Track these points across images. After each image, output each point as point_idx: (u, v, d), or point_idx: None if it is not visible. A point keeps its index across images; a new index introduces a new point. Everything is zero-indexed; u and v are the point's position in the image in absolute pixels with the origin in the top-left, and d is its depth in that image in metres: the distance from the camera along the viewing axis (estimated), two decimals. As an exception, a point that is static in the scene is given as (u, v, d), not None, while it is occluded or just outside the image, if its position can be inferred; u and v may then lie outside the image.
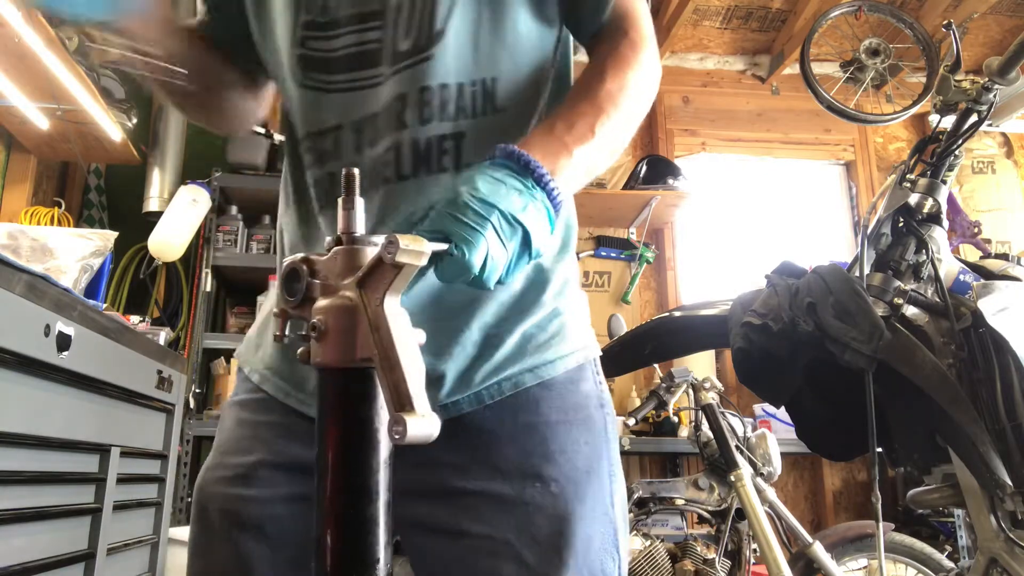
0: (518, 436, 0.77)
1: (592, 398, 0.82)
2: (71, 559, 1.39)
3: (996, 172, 4.07)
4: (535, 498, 0.74)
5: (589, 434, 0.80)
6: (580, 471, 0.77)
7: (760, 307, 1.63)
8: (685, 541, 2.32)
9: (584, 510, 0.75)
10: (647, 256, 3.70)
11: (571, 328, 0.83)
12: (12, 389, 1.18)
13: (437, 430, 0.46)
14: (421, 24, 0.78)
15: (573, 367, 0.82)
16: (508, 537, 0.73)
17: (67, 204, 3.17)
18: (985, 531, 1.48)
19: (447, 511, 0.76)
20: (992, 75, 1.55)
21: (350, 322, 0.49)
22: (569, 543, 0.73)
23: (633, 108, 0.79)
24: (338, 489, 0.49)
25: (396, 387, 0.46)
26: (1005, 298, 1.51)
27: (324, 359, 0.50)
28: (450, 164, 0.78)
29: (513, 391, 0.78)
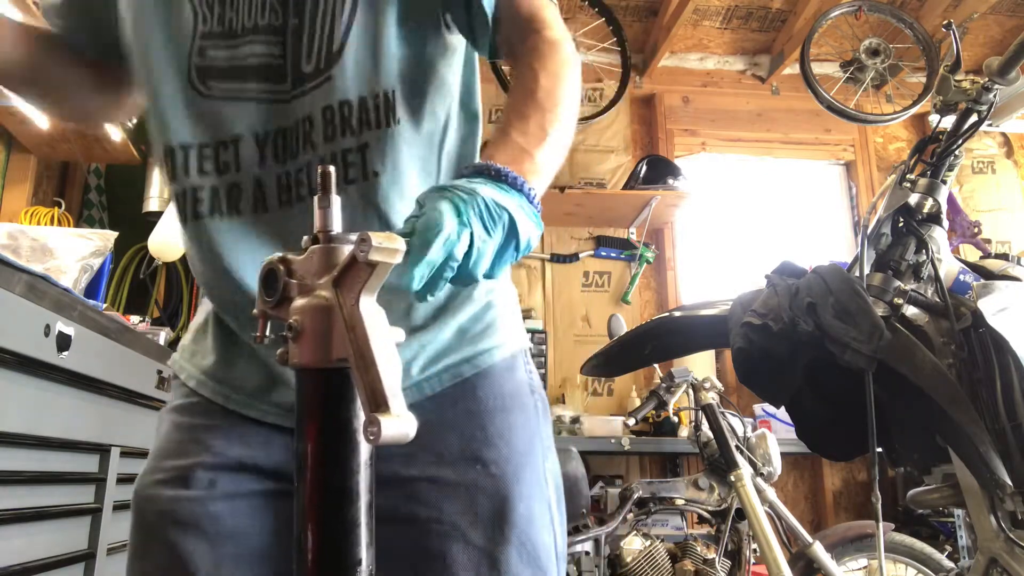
0: (459, 423, 0.82)
1: (524, 385, 0.88)
2: (71, 559, 1.39)
3: (996, 172, 4.07)
4: (477, 480, 0.79)
5: (524, 418, 0.85)
6: (518, 453, 0.82)
7: (760, 307, 1.63)
8: (685, 541, 2.32)
9: (522, 489, 0.80)
10: (647, 256, 3.70)
11: (503, 320, 0.89)
12: (12, 389, 1.18)
13: (413, 430, 0.46)
14: (321, 46, 0.80)
15: (508, 356, 0.87)
16: (454, 519, 0.77)
17: (67, 204, 3.17)
18: (985, 531, 1.48)
19: (397, 499, 0.79)
20: (992, 75, 1.55)
21: (326, 322, 0.49)
22: (510, 520, 0.78)
23: (571, 102, 0.81)
24: (318, 490, 0.49)
25: (371, 387, 0.46)
26: (1005, 298, 1.51)
27: (301, 360, 0.50)
28: (356, 175, 0.80)
29: (452, 381, 0.83)
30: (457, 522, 0.77)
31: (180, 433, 0.85)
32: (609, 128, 3.84)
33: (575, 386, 3.45)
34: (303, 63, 0.80)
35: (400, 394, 0.47)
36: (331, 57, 0.80)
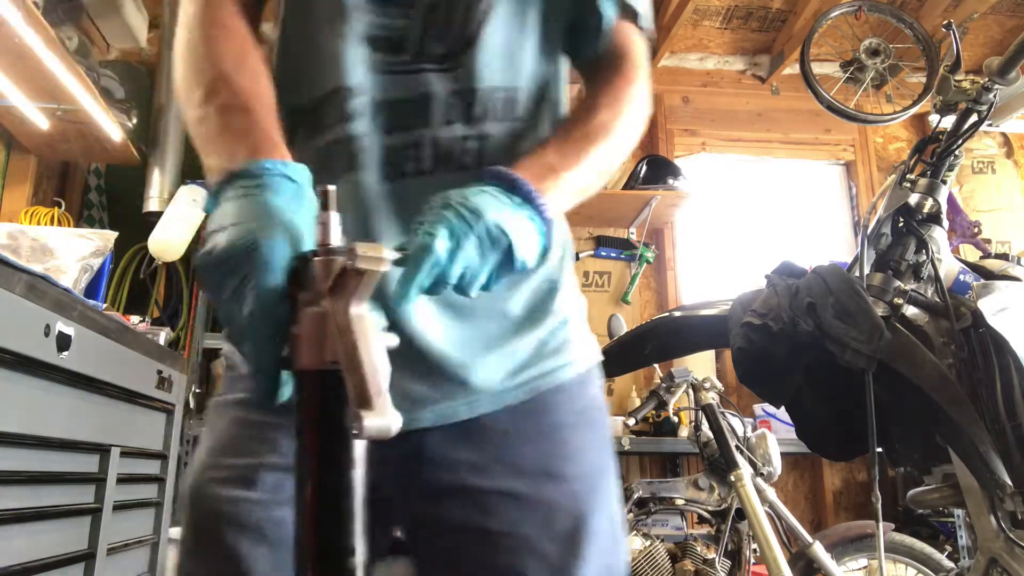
0: (535, 437, 0.80)
1: (598, 400, 0.87)
2: (71, 559, 1.39)
3: (996, 172, 4.07)
4: (554, 496, 0.77)
5: (597, 435, 0.84)
6: (593, 470, 0.81)
7: (760, 307, 1.63)
8: (685, 541, 2.32)
9: (597, 507, 0.79)
10: (647, 256, 3.70)
11: (578, 334, 0.88)
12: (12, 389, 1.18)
13: (396, 426, 0.49)
14: (455, 30, 0.80)
15: (583, 371, 0.86)
16: (528, 534, 0.76)
17: (67, 204, 3.17)
18: (985, 531, 1.48)
19: (466, 510, 0.78)
20: (992, 75, 1.55)
21: (320, 327, 0.53)
22: (586, 538, 0.77)
23: (624, 138, 0.82)
24: (314, 484, 0.52)
25: (358, 386, 0.49)
26: (1005, 298, 1.51)
27: (299, 362, 0.54)
28: (471, 163, 0.80)
29: (530, 395, 0.81)
30: (532, 538, 0.76)
31: (243, 429, 0.80)
32: (609, 128, 3.83)
33: (575, 386, 3.45)
34: (432, 42, 0.80)
35: (386, 393, 0.50)
36: (465, 43, 0.80)
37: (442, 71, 0.79)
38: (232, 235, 0.57)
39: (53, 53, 2.32)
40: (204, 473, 0.80)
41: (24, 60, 2.31)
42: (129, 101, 3.06)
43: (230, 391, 0.85)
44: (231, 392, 0.85)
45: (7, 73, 2.41)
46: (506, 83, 0.82)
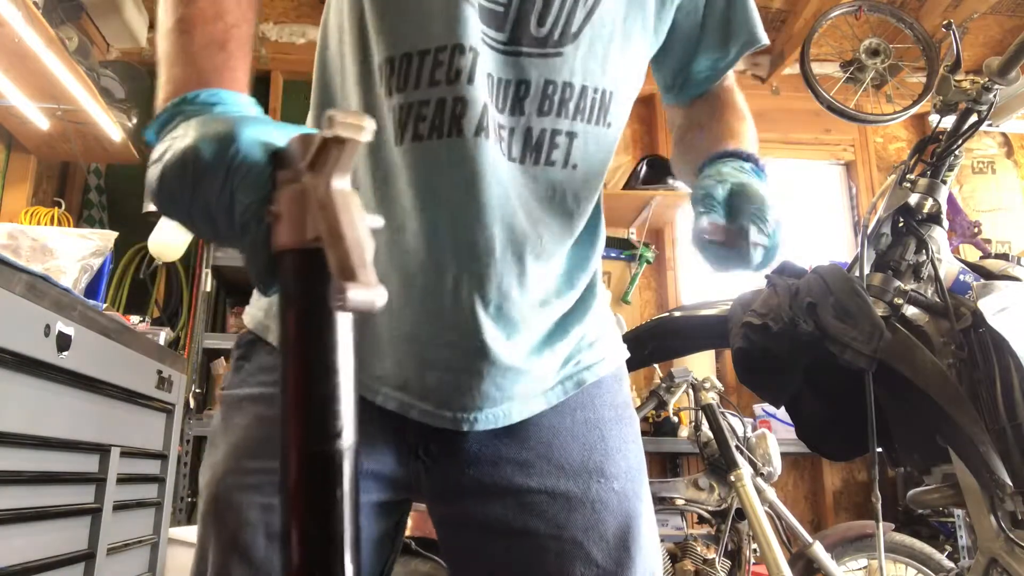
0: (578, 432, 0.78)
1: (630, 397, 0.87)
2: (71, 559, 1.39)
3: (996, 172, 4.07)
4: (601, 496, 0.75)
5: (634, 432, 0.83)
6: (635, 468, 0.79)
7: (760, 307, 1.63)
8: (685, 541, 2.32)
9: (642, 507, 0.77)
10: (647, 256, 3.70)
11: (609, 330, 0.87)
12: (12, 389, 1.18)
13: (381, 299, 0.47)
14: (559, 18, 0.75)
15: (617, 367, 0.85)
16: (576, 536, 0.73)
17: (67, 204, 3.17)
18: (985, 531, 1.48)
19: (511, 510, 0.75)
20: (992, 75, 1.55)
21: (300, 204, 0.51)
22: (636, 540, 0.75)
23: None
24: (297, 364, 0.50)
25: (340, 260, 0.47)
26: (1005, 298, 1.51)
27: (279, 242, 0.52)
28: (559, 159, 0.76)
29: (575, 390, 0.80)
30: (580, 539, 0.73)
31: (266, 428, 0.73)
32: (609, 128, 3.83)
33: (575, 386, 3.44)
34: (532, 25, 0.74)
35: (370, 267, 0.47)
36: (566, 35, 0.75)
37: (542, 57, 0.74)
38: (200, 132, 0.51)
39: (53, 53, 2.32)
40: (228, 479, 0.73)
41: (24, 60, 2.31)
42: (129, 101, 3.06)
43: (246, 384, 0.79)
44: (248, 385, 0.79)
45: (7, 73, 2.41)
46: (602, 85, 0.78)
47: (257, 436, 0.74)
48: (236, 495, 0.72)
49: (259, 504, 0.71)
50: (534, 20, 0.74)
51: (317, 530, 0.48)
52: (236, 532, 0.71)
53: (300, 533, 0.48)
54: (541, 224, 0.75)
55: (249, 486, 0.72)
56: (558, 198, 0.77)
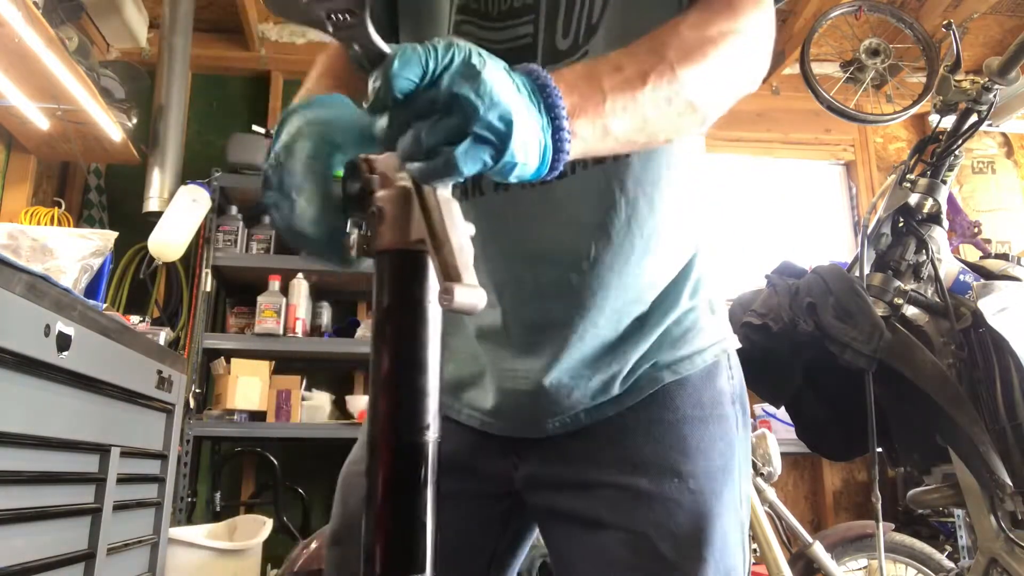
0: (655, 432, 0.78)
1: (726, 394, 0.82)
2: (71, 559, 1.39)
3: (996, 172, 4.07)
4: (674, 493, 0.75)
5: (724, 431, 0.80)
6: (716, 468, 0.78)
7: (760, 307, 1.63)
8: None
9: (720, 507, 0.76)
10: (647, 256, 3.70)
11: (705, 322, 0.83)
12: (12, 389, 1.18)
13: (483, 301, 0.49)
14: (579, 21, 0.75)
15: (709, 362, 0.82)
16: (646, 530, 0.74)
17: (67, 204, 3.17)
18: (985, 531, 1.48)
19: (585, 502, 0.77)
20: (992, 75, 1.55)
21: (404, 207, 0.54)
22: (708, 539, 0.74)
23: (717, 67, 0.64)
24: (392, 360, 0.53)
25: (445, 262, 0.50)
26: (1005, 298, 1.51)
27: (381, 242, 0.54)
28: (591, 162, 0.74)
29: (651, 388, 0.79)
30: (649, 534, 0.74)
31: None
32: (609, 128, 3.83)
33: (575, 386, 3.44)
34: (559, 39, 0.75)
35: (472, 270, 0.50)
36: (590, 30, 0.74)
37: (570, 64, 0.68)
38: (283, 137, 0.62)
39: (53, 53, 2.32)
40: (353, 465, 0.86)
41: (24, 60, 2.31)
42: (129, 101, 3.06)
43: None
44: None
45: (7, 73, 2.41)
46: None
47: None
48: (358, 479, 0.83)
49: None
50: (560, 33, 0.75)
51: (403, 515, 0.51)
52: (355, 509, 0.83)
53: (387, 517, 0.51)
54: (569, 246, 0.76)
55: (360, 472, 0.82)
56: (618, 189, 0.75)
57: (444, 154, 0.49)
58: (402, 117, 0.50)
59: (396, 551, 0.51)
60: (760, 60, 0.70)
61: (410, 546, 0.51)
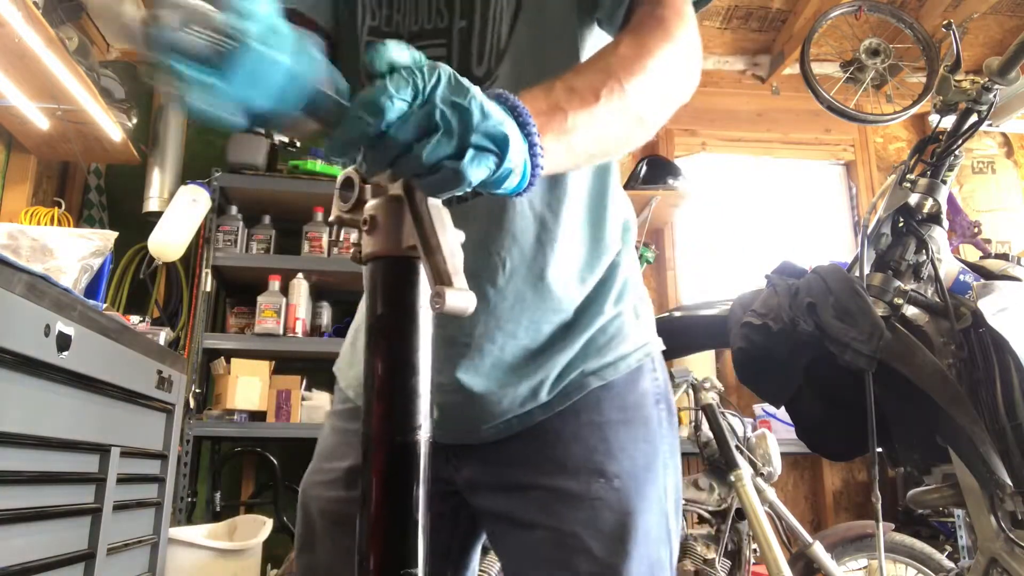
0: (583, 435, 0.82)
1: (649, 395, 0.86)
2: (71, 559, 1.39)
3: (996, 172, 4.07)
4: (600, 493, 0.79)
5: (646, 431, 0.84)
6: (639, 467, 0.82)
7: (760, 307, 1.63)
8: (685, 541, 2.32)
9: (643, 504, 0.80)
10: (647, 256, 3.70)
11: (631, 328, 0.87)
12: (12, 389, 1.18)
13: (473, 304, 0.51)
14: (491, 46, 0.78)
15: (634, 367, 0.86)
16: (575, 529, 0.78)
17: (67, 204, 3.17)
18: (985, 531, 1.48)
19: (519, 504, 0.81)
20: (992, 75, 1.55)
21: (396, 215, 0.55)
22: (632, 535, 0.78)
23: (658, 78, 0.67)
24: (384, 362, 0.55)
25: (436, 267, 0.52)
26: (1005, 298, 1.51)
27: (374, 249, 0.56)
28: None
29: (579, 395, 0.83)
30: (579, 533, 0.78)
31: (337, 436, 0.91)
32: (609, 128, 3.83)
33: (575, 386, 3.44)
34: (474, 66, 0.79)
35: (462, 276, 0.52)
36: (499, 55, 0.78)
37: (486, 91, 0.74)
38: None
39: (53, 53, 2.32)
40: (311, 476, 0.91)
41: (24, 60, 2.31)
42: (129, 101, 3.06)
43: (333, 403, 0.98)
44: (333, 404, 0.98)
45: (7, 73, 2.41)
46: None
47: (331, 443, 0.92)
48: (316, 489, 0.89)
49: (332, 497, 0.88)
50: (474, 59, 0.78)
51: (396, 513, 0.52)
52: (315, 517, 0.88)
53: (380, 515, 0.52)
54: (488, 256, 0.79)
55: (325, 482, 0.89)
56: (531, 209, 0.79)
57: (449, 166, 0.50)
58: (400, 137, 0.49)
59: (390, 548, 0.52)
60: (694, 67, 0.74)
61: (404, 543, 0.52)
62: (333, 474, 0.88)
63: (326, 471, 0.89)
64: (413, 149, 0.50)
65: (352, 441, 0.88)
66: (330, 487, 0.88)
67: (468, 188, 0.51)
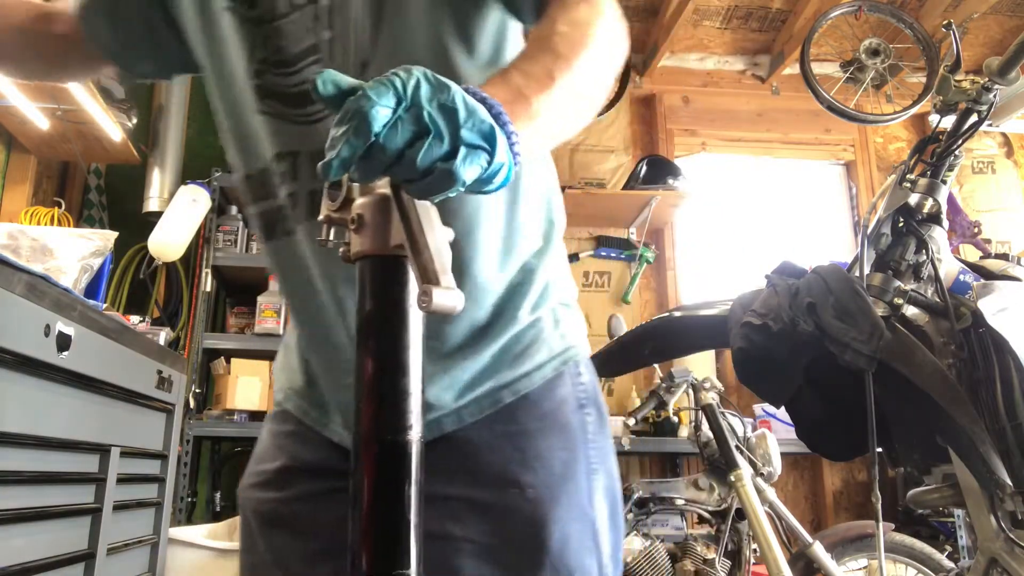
0: (496, 446, 0.80)
1: (568, 402, 0.84)
2: (71, 559, 1.39)
3: (996, 172, 4.07)
4: (513, 504, 0.78)
5: (565, 438, 0.82)
6: (556, 476, 0.80)
7: (760, 307, 1.63)
8: (685, 541, 2.32)
9: (559, 512, 0.78)
10: (647, 256, 3.70)
11: (548, 335, 0.85)
12: (12, 389, 1.18)
13: (461, 303, 0.51)
14: (356, 58, 0.78)
15: (550, 376, 0.83)
16: (489, 541, 0.77)
17: (67, 204, 3.17)
18: (985, 531, 1.48)
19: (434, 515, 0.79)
20: (992, 75, 1.55)
21: (384, 214, 0.55)
22: (546, 545, 0.76)
23: (596, 55, 0.68)
24: (373, 363, 0.54)
25: (424, 266, 0.51)
26: (1005, 298, 1.51)
27: (362, 248, 0.56)
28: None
29: (492, 408, 0.81)
30: (491, 543, 0.76)
31: (270, 439, 0.93)
32: (609, 128, 3.84)
33: (575, 386, 3.44)
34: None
35: (450, 275, 0.52)
36: (364, 65, 0.78)
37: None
38: None
39: (53, 53, 2.31)
40: (246, 479, 0.92)
41: (24, 60, 2.31)
42: (129, 101, 3.06)
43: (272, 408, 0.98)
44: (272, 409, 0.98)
45: (7, 73, 2.40)
46: None
47: (264, 446, 0.93)
48: (250, 492, 0.90)
49: (264, 498, 0.88)
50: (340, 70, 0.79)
51: (388, 513, 0.52)
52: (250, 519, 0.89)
53: (372, 516, 0.52)
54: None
55: (258, 484, 0.89)
56: None
57: (443, 168, 0.50)
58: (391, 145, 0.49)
59: (382, 549, 0.51)
60: (623, 35, 0.75)
61: (396, 544, 0.52)
62: (264, 476, 0.89)
63: (259, 473, 0.90)
64: (406, 155, 0.49)
65: (282, 443, 0.89)
66: (262, 489, 0.89)
67: (461, 188, 0.51)
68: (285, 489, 0.86)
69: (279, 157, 0.82)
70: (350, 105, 0.48)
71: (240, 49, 0.83)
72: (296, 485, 0.86)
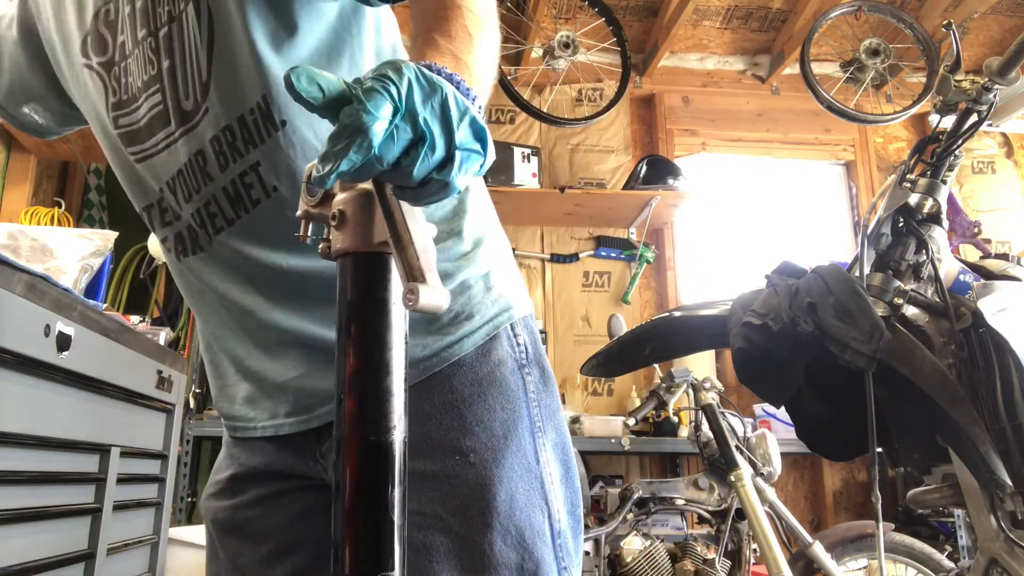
0: (436, 415, 0.80)
1: (506, 363, 0.83)
2: (71, 559, 1.39)
3: (996, 172, 4.07)
4: (456, 471, 0.78)
5: (504, 399, 0.82)
6: (497, 437, 0.80)
7: (760, 307, 1.62)
8: (685, 541, 2.32)
9: (502, 472, 0.78)
10: (647, 256, 3.70)
11: (479, 301, 0.84)
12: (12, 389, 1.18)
13: (447, 301, 0.50)
14: (195, 81, 0.79)
15: (483, 340, 0.83)
16: (436, 510, 0.77)
17: (67, 204, 3.17)
18: (985, 531, 1.48)
19: None
20: (992, 75, 1.55)
21: (367, 210, 0.53)
22: (491, 506, 0.77)
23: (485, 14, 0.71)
24: (357, 362, 0.53)
25: (409, 263, 0.50)
26: (1005, 298, 1.51)
27: (344, 245, 0.54)
28: (260, 195, 0.80)
29: (422, 376, 0.80)
30: (438, 512, 0.77)
31: (223, 449, 0.97)
32: (609, 128, 3.84)
33: (575, 386, 3.45)
34: (183, 102, 0.80)
35: (435, 272, 0.51)
36: (204, 88, 0.79)
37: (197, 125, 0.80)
38: None
39: (53, 53, 2.31)
40: (206, 490, 0.96)
41: (24, 60, 2.31)
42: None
43: None
44: None
45: (7, 73, 2.40)
46: (249, 104, 0.77)
47: (220, 456, 0.97)
48: (208, 501, 0.94)
49: (218, 507, 0.92)
50: (182, 96, 0.80)
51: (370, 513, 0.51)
52: (210, 528, 0.93)
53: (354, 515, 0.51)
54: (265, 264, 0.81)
55: (212, 494, 0.94)
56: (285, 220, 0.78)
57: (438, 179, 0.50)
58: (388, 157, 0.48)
59: (366, 550, 0.51)
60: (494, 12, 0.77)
61: (379, 545, 0.51)
62: (219, 485, 0.92)
63: (215, 483, 0.94)
64: (401, 166, 0.49)
65: (231, 452, 0.93)
66: (217, 498, 0.92)
67: (455, 194, 0.51)
68: (237, 496, 0.90)
69: (168, 186, 0.85)
70: (349, 119, 0.47)
71: (102, 100, 0.87)
72: (247, 491, 0.89)
